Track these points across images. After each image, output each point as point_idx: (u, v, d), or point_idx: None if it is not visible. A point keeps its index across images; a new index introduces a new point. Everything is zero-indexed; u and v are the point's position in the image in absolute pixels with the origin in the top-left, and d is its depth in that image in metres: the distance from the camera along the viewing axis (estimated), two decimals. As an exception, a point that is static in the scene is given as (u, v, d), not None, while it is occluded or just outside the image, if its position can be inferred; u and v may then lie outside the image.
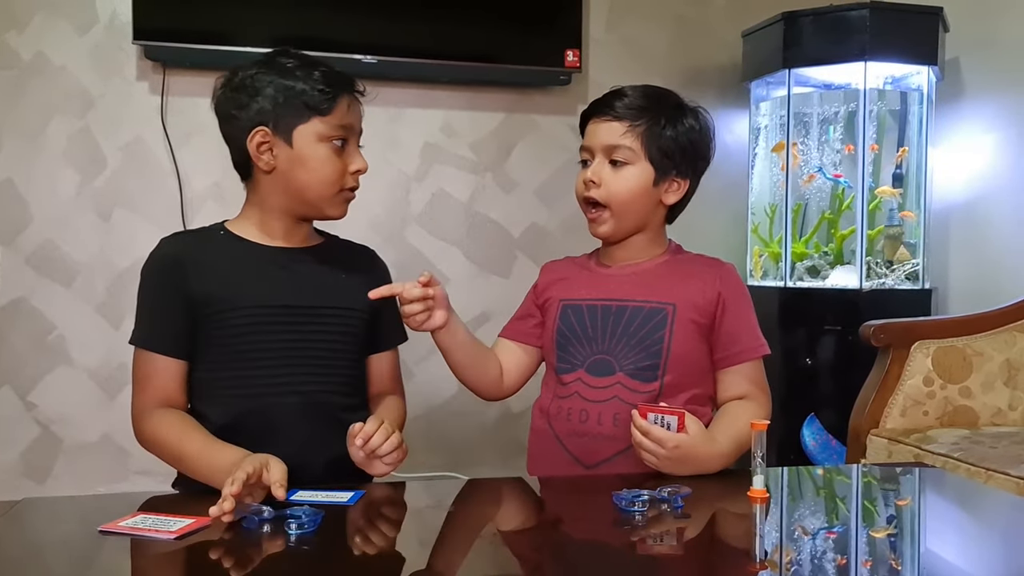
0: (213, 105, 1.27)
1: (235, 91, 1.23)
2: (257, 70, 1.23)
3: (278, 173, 1.24)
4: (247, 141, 1.22)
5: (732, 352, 1.28)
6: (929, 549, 0.98)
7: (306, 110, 1.22)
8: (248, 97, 1.22)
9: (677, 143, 1.28)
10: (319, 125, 1.23)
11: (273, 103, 1.21)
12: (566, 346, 1.32)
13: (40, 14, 2.38)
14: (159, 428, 1.19)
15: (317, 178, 1.24)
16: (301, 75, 1.22)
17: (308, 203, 1.27)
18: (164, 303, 1.22)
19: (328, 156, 1.24)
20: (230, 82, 1.24)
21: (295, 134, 1.22)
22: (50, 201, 2.41)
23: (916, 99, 2.51)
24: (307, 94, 1.22)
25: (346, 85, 1.27)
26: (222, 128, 1.27)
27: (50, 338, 2.42)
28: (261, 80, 1.22)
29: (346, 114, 1.26)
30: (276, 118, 1.22)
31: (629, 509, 0.98)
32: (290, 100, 1.21)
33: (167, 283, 1.22)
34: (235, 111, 1.23)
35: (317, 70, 1.24)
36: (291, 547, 0.88)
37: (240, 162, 1.27)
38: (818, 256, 2.50)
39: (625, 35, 2.77)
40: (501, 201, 2.69)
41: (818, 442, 2.32)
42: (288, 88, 1.22)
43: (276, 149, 1.23)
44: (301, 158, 1.23)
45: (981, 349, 1.98)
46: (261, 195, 1.27)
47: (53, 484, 2.41)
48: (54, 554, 0.91)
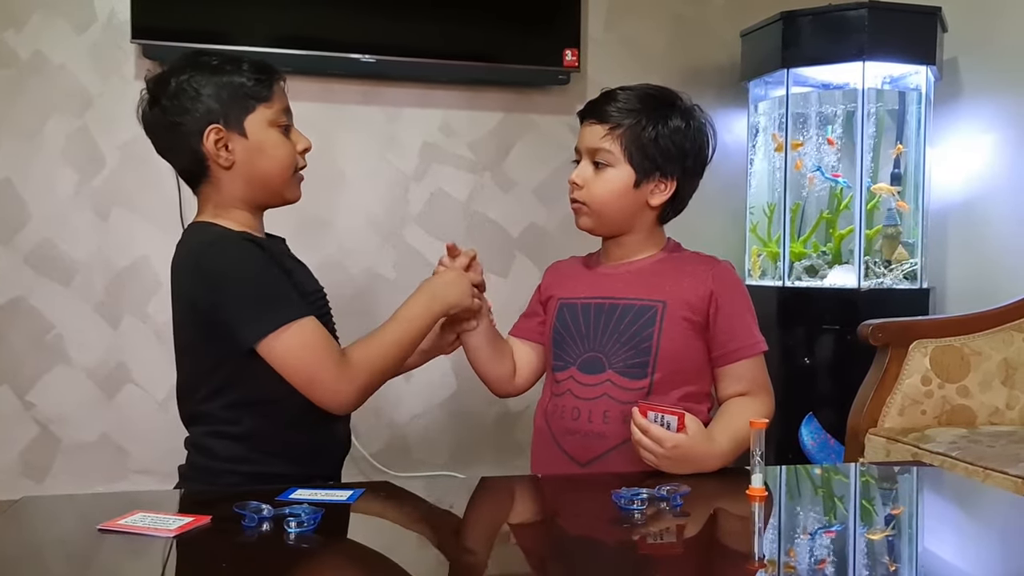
0: (144, 121, 1.27)
1: (172, 99, 1.23)
2: (187, 74, 1.23)
3: (238, 166, 1.25)
4: (202, 142, 1.22)
5: (729, 350, 1.28)
6: (927, 548, 0.98)
7: (250, 100, 1.24)
8: (190, 101, 1.22)
9: (659, 145, 1.27)
10: (265, 112, 1.26)
11: (218, 100, 1.22)
12: (561, 344, 1.33)
13: (38, 13, 2.38)
14: (365, 358, 1.22)
15: (276, 163, 1.27)
16: (232, 69, 1.24)
17: (271, 190, 1.29)
18: (280, 278, 1.22)
19: (280, 140, 1.28)
20: (163, 91, 1.24)
21: (246, 125, 1.24)
22: (48, 200, 2.41)
23: (914, 99, 2.52)
24: (246, 86, 1.24)
25: (273, 70, 1.29)
26: (162, 140, 1.27)
27: (48, 337, 2.42)
28: (197, 82, 1.23)
29: (283, 97, 1.30)
30: (225, 114, 1.23)
31: (628, 507, 0.99)
32: (233, 94, 1.23)
33: (271, 263, 1.22)
34: (178, 118, 1.23)
35: (243, 62, 1.26)
36: (290, 545, 0.88)
37: (191, 168, 1.27)
38: (816, 256, 2.50)
39: (624, 35, 2.77)
40: (500, 201, 2.69)
41: (816, 441, 2.32)
42: (227, 83, 1.23)
43: (232, 143, 1.24)
44: (259, 146, 1.25)
45: (979, 348, 1.98)
46: (223, 194, 1.27)
47: (52, 483, 2.41)
48: (53, 553, 0.91)
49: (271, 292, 1.19)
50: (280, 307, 1.18)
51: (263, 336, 1.16)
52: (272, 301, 1.18)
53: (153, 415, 2.46)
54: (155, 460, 2.46)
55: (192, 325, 1.25)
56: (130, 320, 2.44)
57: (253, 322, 1.17)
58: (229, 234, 1.23)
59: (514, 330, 1.46)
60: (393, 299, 1.38)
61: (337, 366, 1.19)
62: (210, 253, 1.21)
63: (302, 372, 1.18)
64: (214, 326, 1.19)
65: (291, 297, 1.20)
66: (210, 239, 1.23)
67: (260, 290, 1.19)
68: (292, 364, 1.18)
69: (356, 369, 1.21)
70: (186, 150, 1.24)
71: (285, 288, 1.21)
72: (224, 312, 1.18)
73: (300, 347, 1.18)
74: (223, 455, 1.23)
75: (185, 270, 1.25)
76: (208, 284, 1.19)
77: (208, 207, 1.29)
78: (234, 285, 1.18)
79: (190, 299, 1.24)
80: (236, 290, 1.18)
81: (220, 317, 1.18)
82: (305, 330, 1.18)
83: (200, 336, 1.24)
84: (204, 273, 1.20)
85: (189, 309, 1.25)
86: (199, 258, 1.21)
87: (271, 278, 1.20)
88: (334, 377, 1.19)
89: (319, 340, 1.19)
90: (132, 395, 2.46)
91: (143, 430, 2.45)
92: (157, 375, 2.45)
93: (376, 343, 1.25)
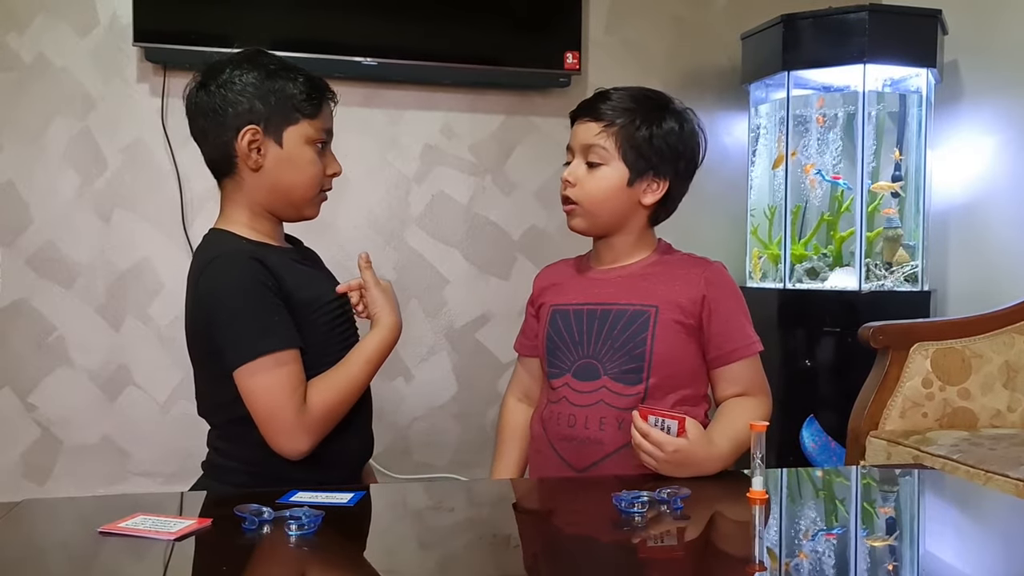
0: (187, 101, 1.26)
1: (222, 87, 1.22)
2: (242, 68, 1.23)
3: (264, 172, 1.24)
4: (236, 138, 1.22)
5: (724, 352, 1.27)
6: (928, 551, 0.98)
7: (295, 112, 1.24)
8: (236, 94, 1.22)
9: (653, 144, 1.27)
10: (307, 128, 1.25)
11: (264, 103, 1.22)
12: (555, 351, 1.33)
13: (41, 16, 2.38)
14: (323, 404, 1.20)
15: (303, 179, 1.27)
16: (287, 77, 1.24)
17: (291, 203, 1.28)
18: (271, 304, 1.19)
19: (313, 158, 1.27)
20: (214, 78, 1.23)
21: (285, 135, 1.24)
22: (50, 202, 2.41)
23: (915, 102, 2.52)
24: (296, 97, 1.24)
25: (327, 90, 1.29)
26: (199, 125, 1.26)
27: (50, 339, 2.42)
28: (249, 78, 1.22)
29: (328, 118, 1.29)
30: (267, 118, 1.22)
31: (629, 510, 0.99)
32: (281, 101, 1.23)
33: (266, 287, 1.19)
34: (222, 107, 1.22)
35: (300, 74, 1.26)
36: (291, 548, 0.88)
37: (219, 159, 1.26)
38: (817, 258, 2.50)
39: (625, 37, 2.77)
40: (501, 203, 2.70)
41: (817, 444, 2.32)
42: (279, 90, 1.23)
43: (264, 148, 1.23)
44: (290, 159, 1.25)
45: (980, 351, 1.98)
46: (246, 193, 1.26)
47: (53, 485, 2.41)
48: (54, 555, 0.91)
49: (254, 320, 1.17)
50: (261, 336, 1.16)
51: (240, 364, 1.15)
52: (255, 330, 1.16)
53: (155, 417, 2.46)
54: (156, 462, 2.46)
55: (196, 340, 1.26)
56: (132, 322, 2.44)
57: (234, 348, 1.16)
58: (231, 251, 1.21)
59: (520, 347, 1.45)
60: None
61: (296, 414, 1.16)
62: (208, 272, 1.20)
63: (262, 410, 1.16)
64: (211, 344, 1.19)
65: (276, 326, 1.18)
66: (212, 256, 1.21)
67: (246, 316, 1.17)
68: (255, 400, 1.16)
69: (313, 417, 1.18)
70: (219, 141, 1.24)
71: (273, 316, 1.18)
72: (216, 333, 1.17)
73: (266, 385, 1.15)
74: (236, 456, 1.24)
75: (190, 284, 1.25)
76: (202, 304, 1.20)
77: (229, 207, 1.28)
78: (223, 308, 1.17)
79: (191, 315, 1.25)
80: (224, 314, 1.17)
81: (214, 336, 1.18)
82: (279, 366, 1.16)
83: (203, 351, 1.24)
84: (200, 292, 1.20)
85: (192, 324, 1.25)
86: (199, 276, 1.21)
87: (260, 304, 1.17)
88: (291, 424, 1.16)
89: (287, 381, 1.16)
90: (134, 397, 2.46)
91: (144, 432, 2.45)
92: (159, 377, 2.45)
93: (337, 389, 1.22)
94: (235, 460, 1.24)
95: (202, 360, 1.26)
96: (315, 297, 1.27)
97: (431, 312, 2.62)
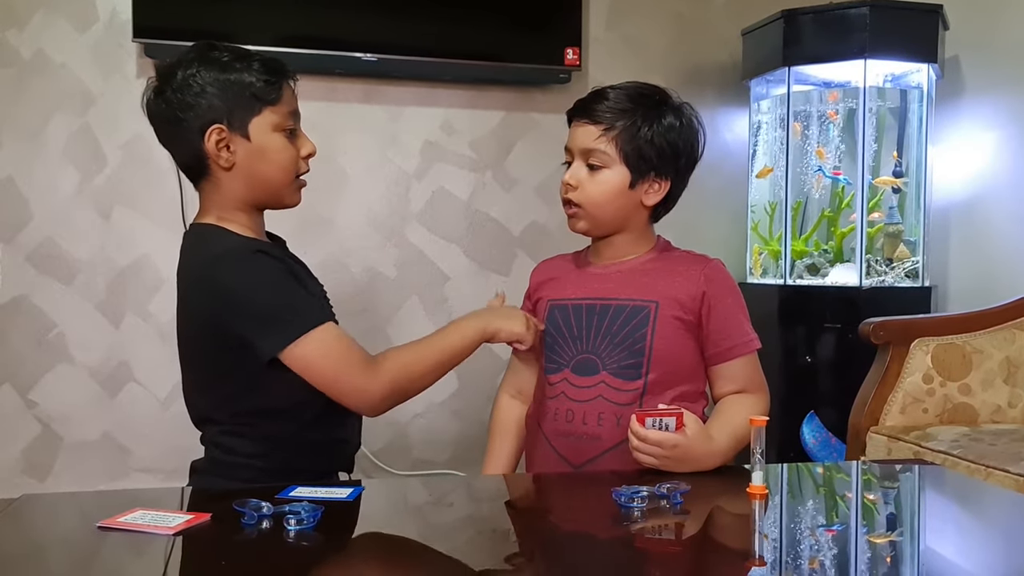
0: (148, 110, 1.24)
1: (177, 92, 1.20)
2: (195, 68, 1.20)
3: (238, 168, 1.23)
4: (203, 141, 1.20)
5: (722, 348, 1.27)
6: (929, 547, 0.98)
7: (256, 102, 1.22)
8: (194, 96, 1.19)
9: (654, 145, 1.26)
10: (271, 116, 1.23)
11: (223, 99, 1.20)
12: (553, 346, 1.32)
13: (40, 12, 2.38)
14: (396, 359, 1.22)
15: (277, 168, 1.25)
16: (242, 67, 1.21)
17: (270, 193, 1.27)
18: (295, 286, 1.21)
19: (284, 144, 1.25)
20: (168, 83, 1.21)
21: (250, 127, 1.22)
22: (50, 199, 2.41)
23: (916, 97, 2.51)
24: (254, 86, 1.21)
25: (285, 71, 1.26)
26: (164, 133, 1.24)
27: (50, 336, 2.42)
28: (203, 77, 1.20)
29: (291, 100, 1.27)
30: (229, 114, 1.20)
31: (628, 505, 0.98)
32: (240, 94, 1.20)
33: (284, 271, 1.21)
34: (181, 113, 1.20)
35: (254, 60, 1.23)
36: (290, 543, 0.88)
37: (191, 164, 1.24)
38: (818, 254, 2.50)
39: (625, 33, 2.77)
40: (501, 199, 2.69)
41: (818, 440, 2.32)
42: (235, 82, 1.20)
43: (233, 145, 1.21)
44: (260, 150, 1.23)
45: (981, 347, 1.98)
46: (224, 192, 1.25)
47: (54, 482, 2.42)
48: (53, 550, 0.91)
49: (288, 302, 1.18)
50: (299, 316, 1.17)
51: (284, 346, 1.15)
52: (291, 311, 1.17)
53: (155, 414, 2.46)
54: (157, 459, 2.46)
55: (200, 337, 1.24)
56: (132, 319, 2.44)
57: (274, 334, 1.16)
58: (237, 246, 1.21)
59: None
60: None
61: (362, 366, 1.19)
62: (221, 267, 1.18)
63: (327, 375, 1.18)
64: (224, 339, 1.18)
65: (309, 304, 1.20)
66: (218, 252, 1.20)
67: (277, 301, 1.17)
68: (316, 369, 1.17)
69: (383, 369, 1.20)
70: (187, 146, 1.22)
71: (301, 296, 1.20)
72: (238, 326, 1.16)
73: (323, 353, 1.17)
74: (240, 451, 1.23)
75: (193, 281, 1.23)
76: (220, 299, 1.17)
77: (209, 207, 1.27)
78: (248, 300, 1.17)
79: (198, 312, 1.22)
80: (250, 305, 1.17)
81: (232, 331, 1.16)
82: (327, 335, 1.18)
83: (208, 347, 1.23)
84: (215, 288, 1.18)
85: (197, 321, 1.23)
86: (210, 272, 1.19)
87: (286, 288, 1.19)
88: (359, 377, 1.18)
89: (342, 343, 1.19)
90: (134, 394, 2.46)
91: (145, 429, 2.45)
92: (159, 374, 2.45)
93: (411, 348, 1.25)
94: (243, 455, 1.22)
95: (205, 355, 1.25)
96: (317, 290, 1.30)
97: (431, 308, 2.62)
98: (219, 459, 1.25)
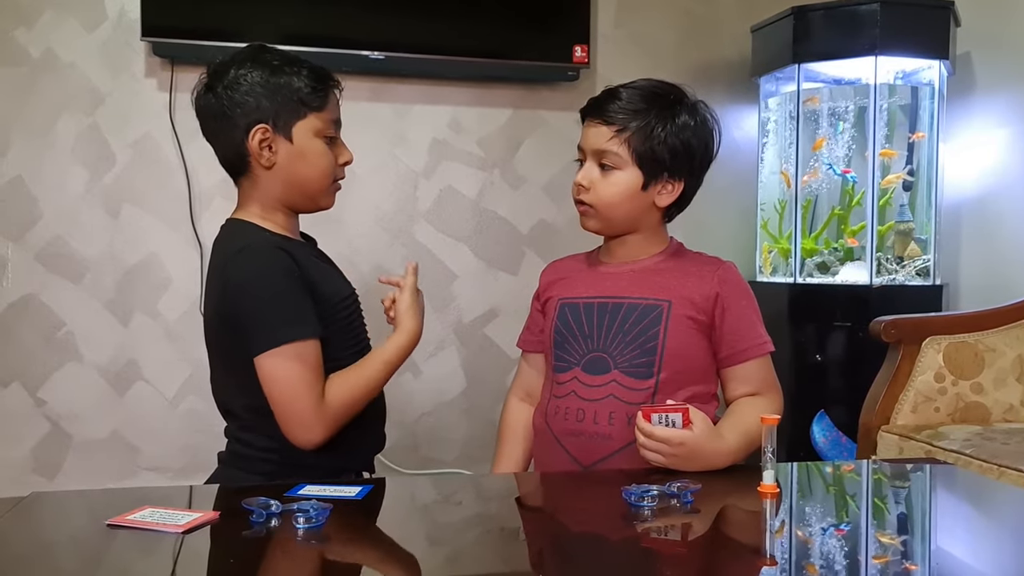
0: (196, 104, 1.28)
1: (227, 89, 1.24)
2: (246, 68, 1.24)
3: (278, 168, 1.26)
4: (247, 138, 1.24)
5: (736, 351, 1.26)
6: (940, 546, 0.97)
7: (302, 107, 1.25)
8: (243, 95, 1.23)
9: (668, 145, 1.25)
10: (315, 121, 1.27)
11: (271, 100, 1.24)
12: (563, 344, 1.31)
13: (49, 11, 2.39)
14: (337, 388, 1.23)
15: (316, 172, 1.29)
16: (291, 72, 1.25)
17: (307, 196, 1.31)
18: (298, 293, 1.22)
19: (324, 150, 1.29)
20: (219, 80, 1.25)
21: (294, 130, 1.26)
22: (59, 198, 2.42)
23: (927, 94, 2.50)
24: (302, 91, 1.25)
25: (331, 79, 1.30)
26: (210, 127, 1.28)
27: (59, 334, 2.43)
28: (253, 77, 1.24)
29: (335, 108, 1.31)
30: (275, 115, 1.24)
31: (638, 504, 0.98)
32: (287, 97, 1.24)
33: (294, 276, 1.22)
34: (229, 110, 1.24)
35: (303, 67, 1.26)
36: (299, 541, 0.88)
37: (232, 160, 1.28)
38: (828, 252, 2.49)
39: (633, 30, 2.76)
40: (509, 197, 2.69)
41: (828, 439, 2.31)
42: (283, 86, 1.24)
43: (276, 145, 1.25)
44: (302, 153, 1.27)
45: (993, 345, 1.96)
46: (261, 190, 1.29)
47: (63, 480, 2.42)
48: (62, 548, 0.91)
49: (282, 308, 1.20)
50: (287, 325, 1.19)
51: (263, 350, 1.18)
52: (280, 318, 1.19)
53: (163, 412, 2.47)
54: (165, 457, 2.47)
55: (218, 327, 1.28)
56: (140, 317, 2.45)
57: (259, 334, 1.19)
58: (259, 241, 1.24)
59: (524, 344, 1.44)
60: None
61: (314, 405, 1.19)
62: (237, 261, 1.22)
63: (281, 399, 1.19)
64: (236, 331, 1.21)
65: (302, 315, 1.21)
66: (239, 246, 1.23)
67: (273, 304, 1.20)
68: (275, 387, 1.19)
69: (330, 412, 1.21)
70: (230, 142, 1.26)
71: (300, 305, 1.21)
72: (243, 320, 1.20)
73: (287, 375, 1.18)
74: (256, 445, 1.25)
75: (214, 272, 1.27)
76: (230, 292, 1.21)
77: (246, 203, 1.30)
78: (251, 296, 1.20)
79: (216, 302, 1.26)
80: (253, 302, 1.20)
81: (240, 323, 1.20)
82: (300, 354, 1.19)
83: (225, 337, 1.26)
84: (228, 281, 1.22)
85: (215, 311, 1.27)
86: (227, 264, 1.23)
87: (287, 293, 1.21)
88: (309, 415, 1.20)
89: (307, 371, 1.19)
90: (142, 392, 2.47)
91: (153, 427, 2.46)
92: (167, 372, 2.46)
93: (355, 387, 1.25)
94: (261, 449, 1.25)
95: (224, 349, 1.28)
96: (335, 291, 1.30)
97: (439, 307, 2.62)
98: (239, 452, 1.28)
